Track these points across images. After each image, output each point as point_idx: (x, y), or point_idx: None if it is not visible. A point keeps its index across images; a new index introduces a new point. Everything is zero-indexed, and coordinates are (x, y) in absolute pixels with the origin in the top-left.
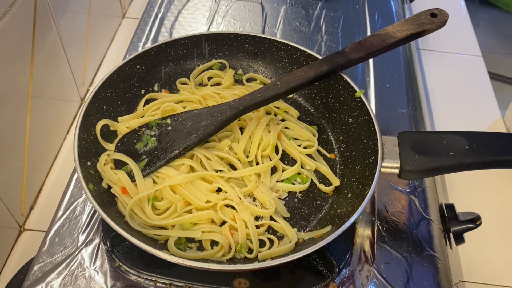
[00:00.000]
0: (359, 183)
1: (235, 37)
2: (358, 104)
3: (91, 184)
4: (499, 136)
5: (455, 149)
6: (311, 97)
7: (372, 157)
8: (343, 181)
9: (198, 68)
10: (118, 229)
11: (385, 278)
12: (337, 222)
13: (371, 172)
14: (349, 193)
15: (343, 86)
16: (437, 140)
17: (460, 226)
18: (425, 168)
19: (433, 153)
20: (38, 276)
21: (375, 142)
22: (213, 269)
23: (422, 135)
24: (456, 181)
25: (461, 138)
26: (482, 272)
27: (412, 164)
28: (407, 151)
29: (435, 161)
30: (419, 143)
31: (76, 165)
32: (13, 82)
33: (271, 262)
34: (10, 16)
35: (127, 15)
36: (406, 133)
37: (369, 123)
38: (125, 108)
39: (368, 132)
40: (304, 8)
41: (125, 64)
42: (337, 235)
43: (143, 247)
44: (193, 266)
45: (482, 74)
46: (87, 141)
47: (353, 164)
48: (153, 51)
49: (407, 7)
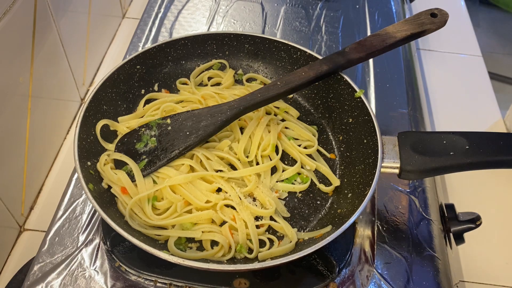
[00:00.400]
0: (359, 183)
1: (235, 37)
2: (358, 104)
3: (91, 184)
4: (499, 136)
5: (455, 149)
6: (311, 97)
7: (372, 157)
8: (343, 181)
9: (198, 68)
10: (118, 229)
11: (385, 278)
12: (337, 222)
13: (371, 172)
14: (349, 193)
15: (343, 86)
16: (437, 140)
17: (460, 226)
18: (425, 168)
19: (433, 153)
20: (38, 276)
21: (375, 142)
22: (213, 269)
23: (422, 135)
24: (456, 181)
25: (461, 138)
26: (482, 272)
27: (412, 164)
28: (407, 151)
29: (435, 161)
30: (419, 143)
31: (76, 165)
32: (13, 82)
33: (271, 262)
34: (10, 16)
35: (127, 15)
36: (406, 133)
37: (369, 123)
38: (125, 108)
39: (368, 132)
40: (304, 8)
41: (125, 64)
42: (337, 235)
43: (143, 247)
44: (193, 266)
45: (482, 74)
46: (87, 141)
47: (353, 164)
48: (153, 51)
49: (407, 7)
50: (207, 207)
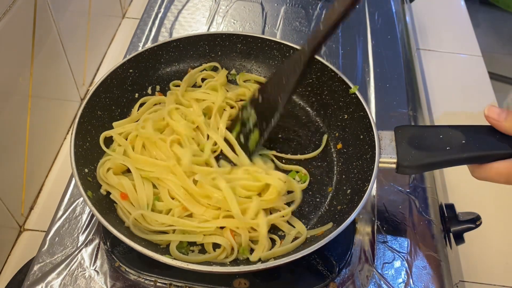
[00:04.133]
0: (357, 179)
1: (227, 37)
2: (353, 100)
3: (90, 191)
4: (495, 130)
5: (451, 144)
6: (306, 95)
7: (369, 153)
8: (341, 177)
9: (190, 74)
10: (121, 236)
11: (385, 278)
12: (338, 219)
13: (369, 168)
14: (348, 189)
15: (337, 82)
16: (434, 135)
17: (460, 226)
18: (421, 163)
19: (429, 148)
20: (38, 276)
21: (372, 138)
22: (217, 271)
23: (419, 129)
24: (456, 181)
25: (457, 132)
26: (482, 272)
27: (409, 159)
28: (404, 146)
29: (432, 156)
30: (416, 138)
31: (74, 173)
32: (13, 82)
33: (274, 262)
34: (10, 16)
35: (127, 15)
36: (403, 127)
37: (365, 119)
38: (119, 112)
39: (364, 128)
40: (304, 8)
41: (117, 68)
42: (339, 232)
43: (145, 252)
44: (197, 270)
45: (482, 74)
46: (83, 148)
47: (350, 160)
48: (145, 54)
49: (407, 7)
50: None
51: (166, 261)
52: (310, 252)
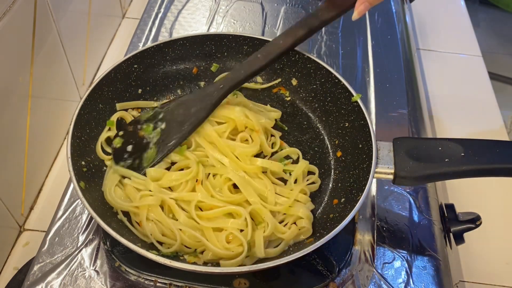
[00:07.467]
0: (352, 188)
1: (234, 38)
2: (354, 108)
3: (82, 182)
4: (495, 144)
5: (450, 156)
6: (309, 100)
7: (366, 162)
8: (337, 185)
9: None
10: (122, 240)
11: (385, 278)
12: (328, 227)
13: (365, 178)
14: (343, 198)
15: (341, 90)
16: (433, 147)
17: (460, 226)
18: (419, 174)
19: (428, 159)
20: (38, 276)
21: (370, 147)
22: (217, 271)
23: (418, 141)
24: (456, 181)
25: (457, 145)
26: (482, 272)
27: (407, 170)
28: (402, 157)
29: (430, 168)
30: (414, 149)
31: (69, 163)
32: (13, 82)
33: (272, 263)
34: (10, 16)
35: (127, 15)
36: (402, 139)
37: (365, 128)
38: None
39: (364, 137)
40: (304, 8)
41: (122, 63)
42: (324, 242)
43: (148, 255)
44: (197, 270)
45: (482, 74)
46: (81, 139)
47: (347, 169)
48: (151, 50)
49: (407, 7)
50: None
51: (165, 263)
52: (310, 252)
